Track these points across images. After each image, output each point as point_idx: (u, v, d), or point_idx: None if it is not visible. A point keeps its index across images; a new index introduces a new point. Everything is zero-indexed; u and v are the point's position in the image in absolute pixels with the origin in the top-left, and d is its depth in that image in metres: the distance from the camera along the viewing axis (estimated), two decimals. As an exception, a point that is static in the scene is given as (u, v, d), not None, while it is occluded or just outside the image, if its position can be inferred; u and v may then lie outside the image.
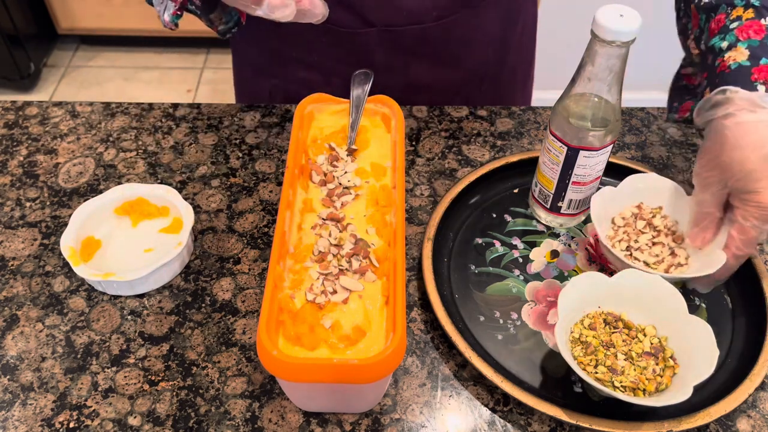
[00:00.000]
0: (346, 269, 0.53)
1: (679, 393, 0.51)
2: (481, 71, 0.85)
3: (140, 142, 0.77)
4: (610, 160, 0.71)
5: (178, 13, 0.62)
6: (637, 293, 0.58)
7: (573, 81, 0.59)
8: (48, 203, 0.71)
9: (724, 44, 0.58)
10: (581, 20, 0.75)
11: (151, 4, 0.67)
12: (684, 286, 0.64)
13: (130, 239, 0.67)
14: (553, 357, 0.59)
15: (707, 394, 0.56)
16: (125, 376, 0.57)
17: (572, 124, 0.60)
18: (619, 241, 0.64)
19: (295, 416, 0.55)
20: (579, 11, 0.70)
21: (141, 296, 0.63)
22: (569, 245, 0.67)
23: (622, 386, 0.54)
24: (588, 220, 0.69)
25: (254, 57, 0.83)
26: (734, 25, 0.59)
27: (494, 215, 0.70)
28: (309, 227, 0.56)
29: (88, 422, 0.54)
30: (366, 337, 0.50)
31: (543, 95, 1.49)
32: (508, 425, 0.55)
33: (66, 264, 0.65)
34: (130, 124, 0.80)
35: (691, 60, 0.68)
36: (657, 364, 0.55)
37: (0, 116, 0.81)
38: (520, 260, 0.66)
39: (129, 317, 0.61)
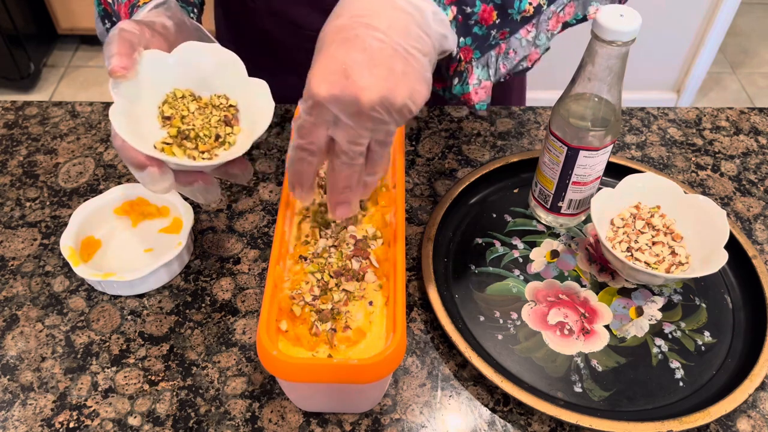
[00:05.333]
0: (346, 270, 0.53)
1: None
2: None
3: (140, 142, 0.77)
4: (610, 160, 0.71)
5: None
6: None
7: (573, 81, 0.59)
8: (48, 203, 0.71)
9: None
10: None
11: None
12: (685, 284, 0.64)
13: (130, 239, 0.67)
14: (553, 357, 0.59)
15: (707, 394, 0.56)
16: (125, 376, 0.57)
17: (572, 124, 0.60)
18: (620, 242, 0.64)
19: (295, 416, 0.55)
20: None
21: (141, 296, 0.63)
22: (569, 245, 0.67)
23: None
24: (588, 220, 0.69)
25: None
26: None
27: (494, 215, 0.70)
28: (309, 227, 0.56)
29: (88, 422, 0.55)
30: (366, 338, 0.50)
31: (543, 95, 1.49)
32: (508, 425, 0.55)
33: (66, 264, 0.65)
34: (130, 124, 0.80)
35: None
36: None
37: (0, 116, 0.81)
38: (520, 260, 0.66)
39: (129, 317, 0.61)
